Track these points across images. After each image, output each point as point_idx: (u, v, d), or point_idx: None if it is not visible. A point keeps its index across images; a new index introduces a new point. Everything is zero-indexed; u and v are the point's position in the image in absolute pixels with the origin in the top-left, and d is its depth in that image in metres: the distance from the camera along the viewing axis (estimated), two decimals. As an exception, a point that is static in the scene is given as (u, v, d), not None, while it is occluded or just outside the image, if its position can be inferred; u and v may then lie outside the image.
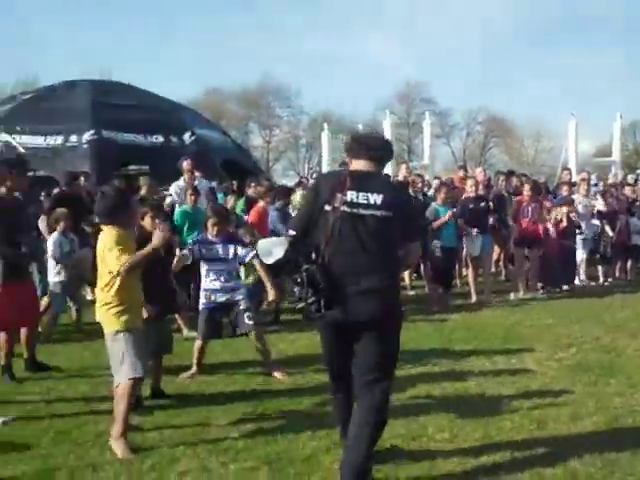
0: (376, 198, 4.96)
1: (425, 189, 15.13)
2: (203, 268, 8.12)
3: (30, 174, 9.93)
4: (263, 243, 5.69)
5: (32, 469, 5.41)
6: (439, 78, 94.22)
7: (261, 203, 11.61)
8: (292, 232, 5.22)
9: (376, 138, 5.46)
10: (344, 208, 4.94)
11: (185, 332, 9.62)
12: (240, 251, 8.08)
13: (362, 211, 4.95)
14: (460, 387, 7.44)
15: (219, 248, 8.05)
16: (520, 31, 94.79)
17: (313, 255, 4.97)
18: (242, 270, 8.17)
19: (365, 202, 4.96)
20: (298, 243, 5.13)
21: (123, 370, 5.80)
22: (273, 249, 5.31)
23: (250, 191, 13.51)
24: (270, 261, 5.39)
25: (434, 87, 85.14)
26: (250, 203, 12.77)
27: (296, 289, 5.44)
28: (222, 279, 8.00)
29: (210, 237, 8.12)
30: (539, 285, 14.02)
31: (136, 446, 5.81)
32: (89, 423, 6.42)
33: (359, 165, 5.19)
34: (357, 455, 4.88)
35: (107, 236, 5.80)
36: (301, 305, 5.00)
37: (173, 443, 5.91)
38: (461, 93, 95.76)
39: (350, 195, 4.96)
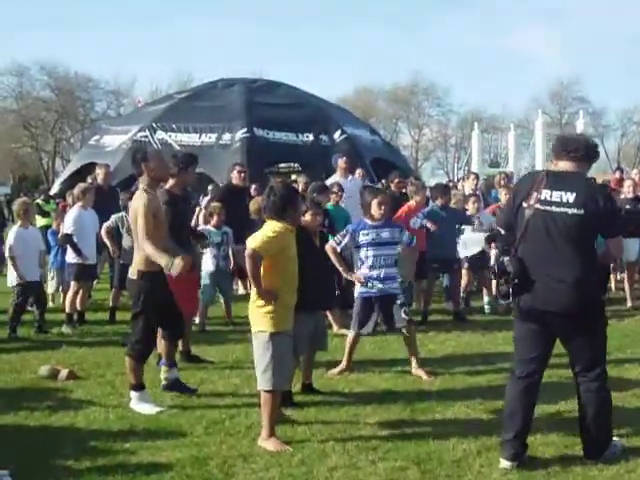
0: (569, 197, 5.30)
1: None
2: (358, 255, 8.02)
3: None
4: (464, 237, 6.20)
5: (186, 456, 5.56)
6: (593, 77, 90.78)
7: (412, 202, 11.51)
8: (499, 228, 5.87)
9: (577, 140, 5.74)
10: (538, 205, 5.37)
11: (335, 328, 9.65)
12: (405, 234, 8.23)
13: (554, 209, 5.33)
14: (616, 396, 7.11)
15: (385, 232, 7.98)
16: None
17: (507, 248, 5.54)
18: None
19: (558, 200, 5.33)
20: (498, 237, 5.86)
21: (266, 377, 5.85)
22: (472, 244, 5.79)
23: (392, 187, 13.42)
24: (467, 254, 6.01)
25: (588, 86, 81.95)
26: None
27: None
28: (379, 264, 7.88)
29: (371, 222, 7.98)
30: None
31: (286, 439, 5.88)
32: (241, 415, 6.54)
33: (561, 166, 5.59)
34: (595, 433, 5.48)
35: (266, 228, 5.92)
36: (492, 295, 5.58)
37: (323, 438, 5.95)
38: (616, 92, 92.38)
39: (544, 193, 5.37)
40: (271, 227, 5.88)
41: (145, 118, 21.51)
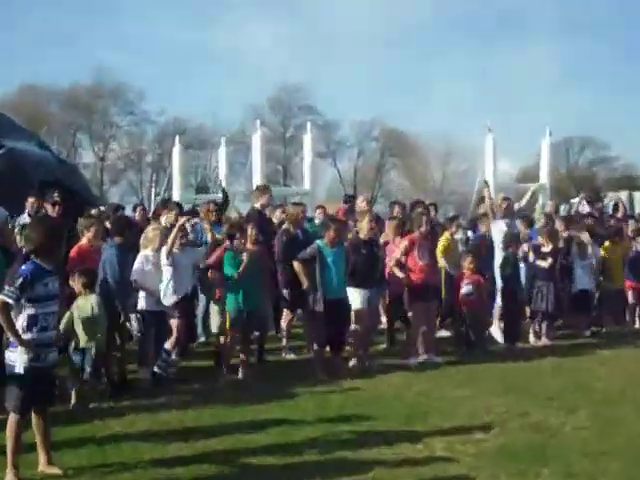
0: None
1: (305, 224, 7.97)
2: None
3: None
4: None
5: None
6: (325, 85, 54.74)
7: (84, 240, 6.18)
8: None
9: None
10: None
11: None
12: None
13: None
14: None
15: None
16: (422, 29, 54.26)
17: None
18: None
19: None
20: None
21: None
22: None
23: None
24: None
25: (317, 94, 51.40)
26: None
27: None
28: None
29: None
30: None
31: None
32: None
33: None
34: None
35: None
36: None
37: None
38: (352, 102, 55.08)
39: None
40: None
41: None
